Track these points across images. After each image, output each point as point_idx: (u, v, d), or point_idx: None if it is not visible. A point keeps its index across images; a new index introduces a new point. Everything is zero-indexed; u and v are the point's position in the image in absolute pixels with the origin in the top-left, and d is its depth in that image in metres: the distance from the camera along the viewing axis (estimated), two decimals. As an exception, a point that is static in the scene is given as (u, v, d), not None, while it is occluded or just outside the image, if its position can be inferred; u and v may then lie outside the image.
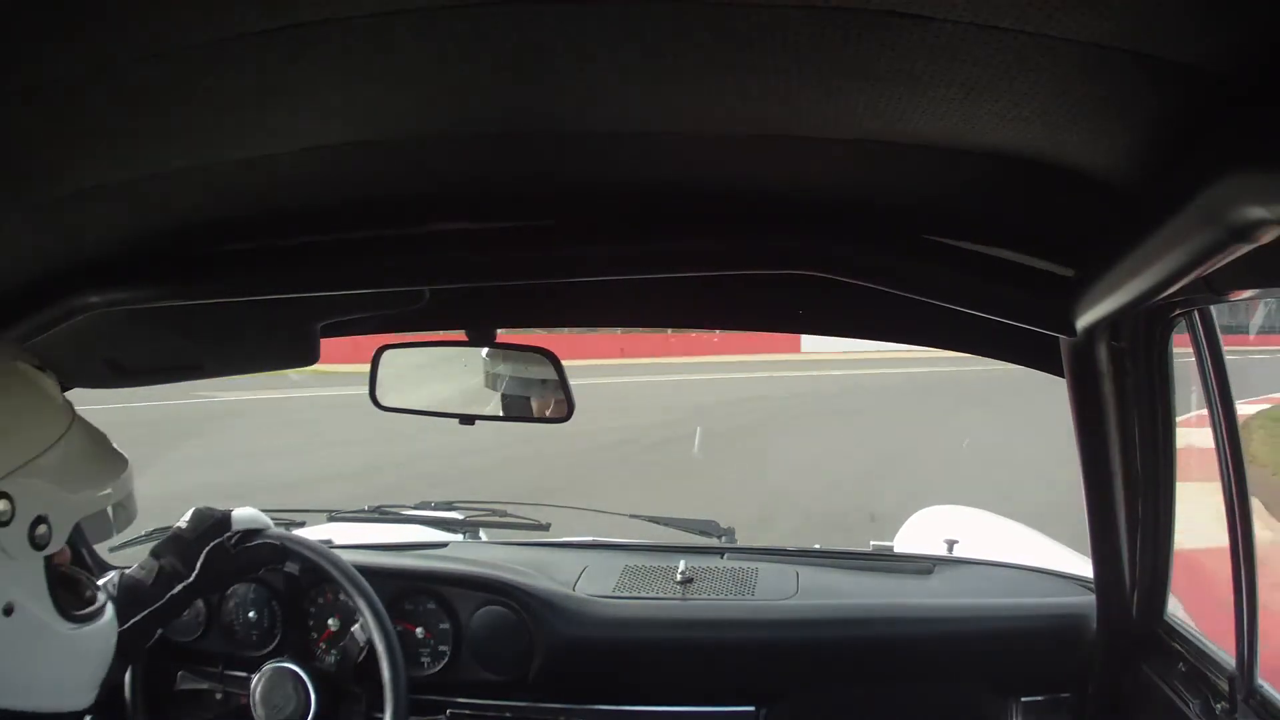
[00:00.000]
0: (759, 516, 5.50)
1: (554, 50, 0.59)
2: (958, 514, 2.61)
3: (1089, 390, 1.20)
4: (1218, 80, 0.52)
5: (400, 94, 0.68)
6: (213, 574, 1.32)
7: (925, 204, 0.94)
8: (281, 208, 0.97)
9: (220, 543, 1.35)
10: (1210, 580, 1.48)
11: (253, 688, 1.49)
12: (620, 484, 6.49)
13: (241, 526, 1.40)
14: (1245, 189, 0.50)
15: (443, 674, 1.60)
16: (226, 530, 1.37)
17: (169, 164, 0.80)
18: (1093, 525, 1.31)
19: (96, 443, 1.01)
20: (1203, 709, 1.12)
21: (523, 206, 1.00)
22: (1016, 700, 1.52)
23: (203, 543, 1.33)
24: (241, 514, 1.42)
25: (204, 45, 0.55)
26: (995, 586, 1.69)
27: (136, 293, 1.06)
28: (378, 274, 1.05)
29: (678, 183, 0.92)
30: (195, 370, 1.50)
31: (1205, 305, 1.06)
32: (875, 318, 1.42)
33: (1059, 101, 0.61)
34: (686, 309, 1.56)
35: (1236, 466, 1.11)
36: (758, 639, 1.58)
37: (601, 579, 1.70)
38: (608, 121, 0.75)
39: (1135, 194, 0.70)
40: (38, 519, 0.89)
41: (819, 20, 0.53)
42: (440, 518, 1.99)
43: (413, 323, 1.59)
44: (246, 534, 1.40)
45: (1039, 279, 0.93)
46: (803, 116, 0.71)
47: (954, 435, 8.53)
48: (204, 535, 1.34)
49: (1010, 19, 0.49)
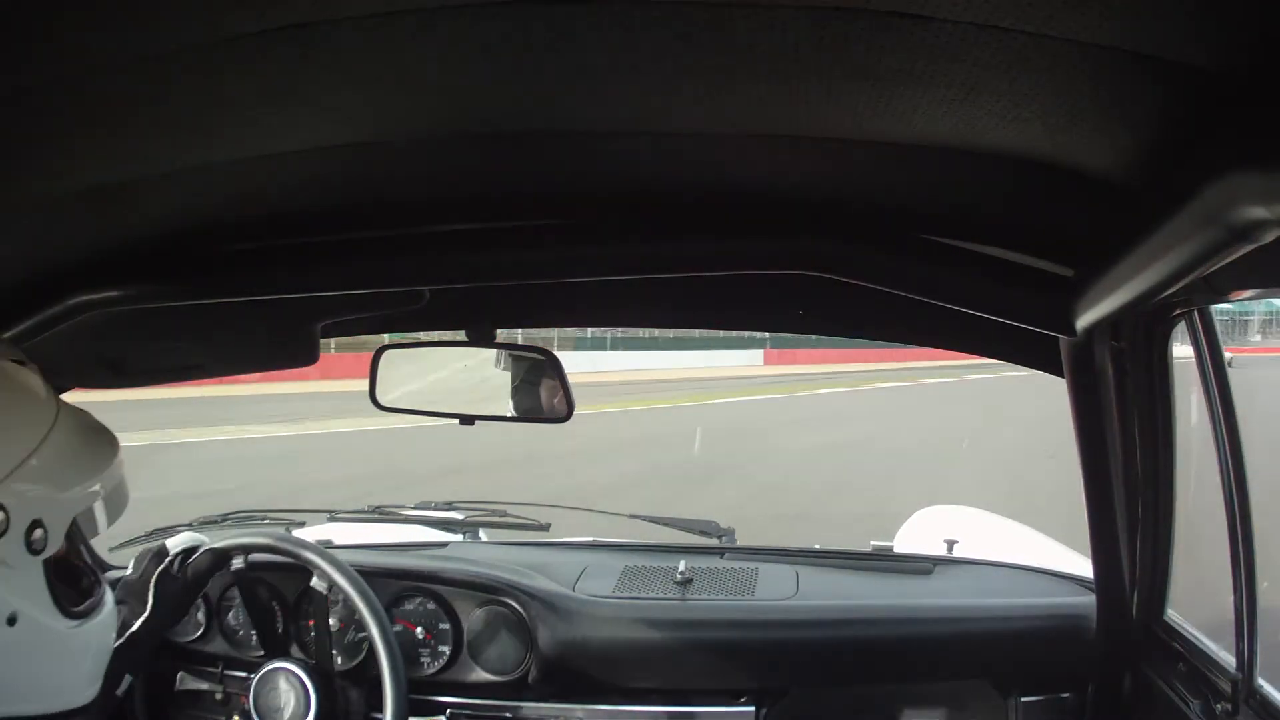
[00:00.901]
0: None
1: (554, 50, 0.59)
2: (958, 514, 2.61)
3: (1089, 390, 1.20)
4: (1218, 80, 0.52)
5: (400, 94, 0.68)
6: (166, 599, 1.41)
7: (926, 204, 0.94)
8: (281, 208, 0.97)
9: (163, 569, 1.43)
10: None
11: (253, 688, 1.49)
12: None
13: (178, 549, 1.47)
14: (1245, 189, 0.50)
15: (443, 674, 1.60)
16: (165, 557, 1.45)
17: (169, 164, 0.80)
18: (1093, 525, 1.31)
19: (85, 430, 0.97)
20: (1203, 709, 1.12)
21: (522, 207, 1.00)
22: (1016, 700, 1.52)
23: (147, 576, 1.41)
24: (176, 539, 1.50)
25: (204, 46, 0.55)
26: (995, 586, 1.69)
27: (136, 292, 1.06)
28: (378, 274, 1.05)
29: (678, 183, 0.92)
30: (195, 370, 1.50)
31: (1205, 305, 1.07)
32: (875, 318, 1.42)
33: (1059, 102, 0.61)
34: (686, 309, 1.56)
35: (1237, 466, 1.11)
36: (758, 639, 1.58)
37: (601, 579, 1.70)
38: (608, 122, 0.75)
39: (1135, 194, 0.70)
40: (33, 524, 0.86)
41: (819, 21, 0.53)
42: (440, 518, 1.99)
43: (413, 323, 1.59)
44: (185, 553, 1.47)
45: (1039, 279, 0.93)
46: (804, 117, 0.71)
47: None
48: (147, 570, 1.43)
49: (1010, 19, 0.49)
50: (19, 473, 0.85)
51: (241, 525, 1.82)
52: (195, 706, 1.65)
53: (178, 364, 1.47)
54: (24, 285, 1.05)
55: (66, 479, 0.91)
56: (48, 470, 0.89)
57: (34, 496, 0.87)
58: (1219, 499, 1.12)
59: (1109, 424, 1.22)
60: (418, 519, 1.97)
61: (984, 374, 15.69)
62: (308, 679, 1.48)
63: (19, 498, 0.85)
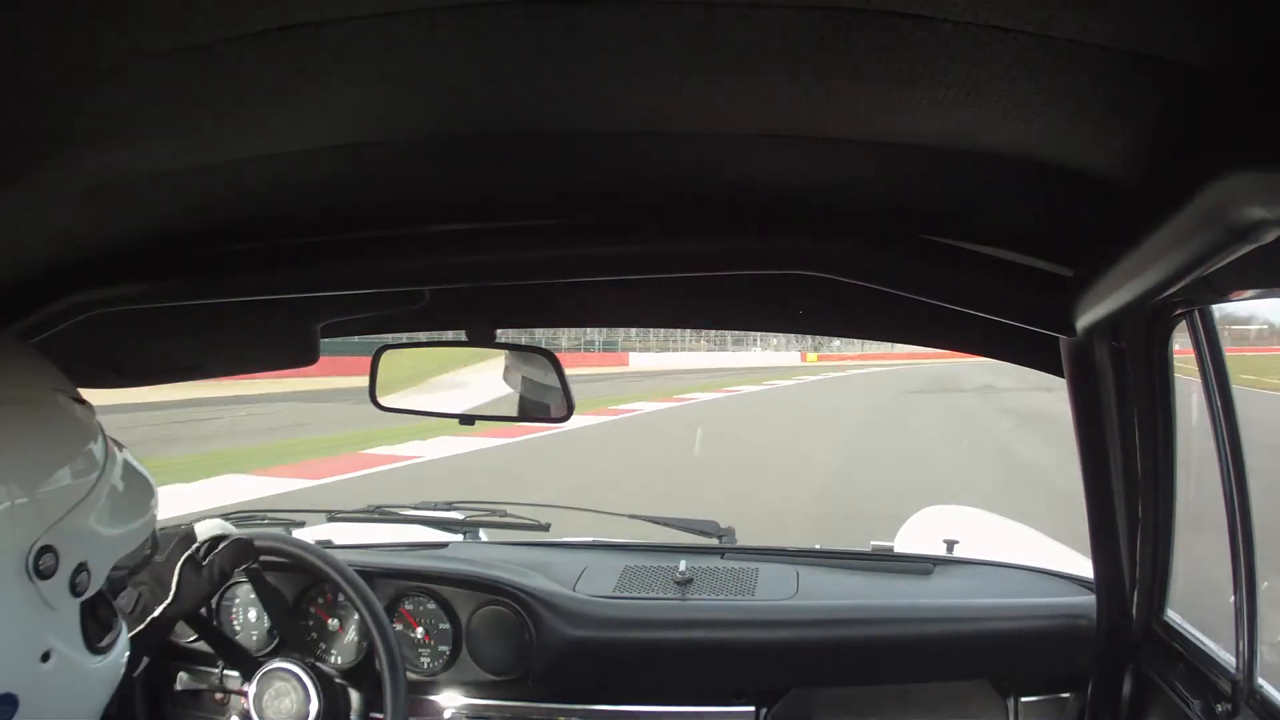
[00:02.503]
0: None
1: (554, 50, 0.59)
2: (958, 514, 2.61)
3: (1089, 390, 1.20)
4: (1218, 80, 0.52)
5: (400, 94, 0.68)
6: (189, 588, 1.35)
7: (926, 204, 0.94)
8: (281, 208, 0.97)
9: (190, 555, 1.37)
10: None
11: (253, 688, 1.49)
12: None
13: (206, 535, 1.42)
14: (1245, 189, 0.50)
15: (443, 674, 1.60)
16: (193, 543, 1.39)
17: (170, 164, 0.80)
18: (1093, 525, 1.31)
19: (131, 473, 0.95)
20: (1203, 709, 1.12)
21: (522, 206, 1.00)
22: (1016, 700, 1.52)
23: (173, 560, 1.35)
24: (205, 525, 1.45)
25: (204, 45, 0.55)
26: (995, 586, 1.69)
27: (136, 292, 1.06)
28: (378, 274, 1.05)
29: (678, 183, 0.92)
30: (196, 371, 1.50)
31: (1206, 305, 1.06)
32: (876, 318, 1.42)
33: (1059, 102, 0.61)
34: (686, 309, 1.56)
35: (1237, 466, 1.11)
36: (757, 639, 1.58)
37: (601, 579, 1.70)
38: (608, 122, 0.75)
39: (1135, 194, 0.70)
40: (79, 566, 0.84)
41: (820, 21, 0.53)
42: (440, 518, 1.99)
43: (413, 323, 1.59)
44: (213, 541, 1.42)
45: (1039, 279, 0.93)
46: (804, 117, 0.71)
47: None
48: (173, 553, 1.36)
49: (1010, 19, 0.49)
50: (72, 515, 0.84)
51: (242, 525, 1.82)
52: (195, 706, 1.65)
53: (178, 364, 1.47)
54: (24, 283, 1.05)
55: (114, 521, 0.90)
56: (99, 513, 0.87)
57: (84, 539, 0.85)
58: (1219, 499, 1.12)
59: (1109, 424, 1.22)
60: (417, 519, 1.97)
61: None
62: (308, 679, 1.48)
63: (70, 541, 0.83)
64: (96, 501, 0.87)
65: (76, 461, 0.86)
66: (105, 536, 0.89)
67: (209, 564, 1.39)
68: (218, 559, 1.40)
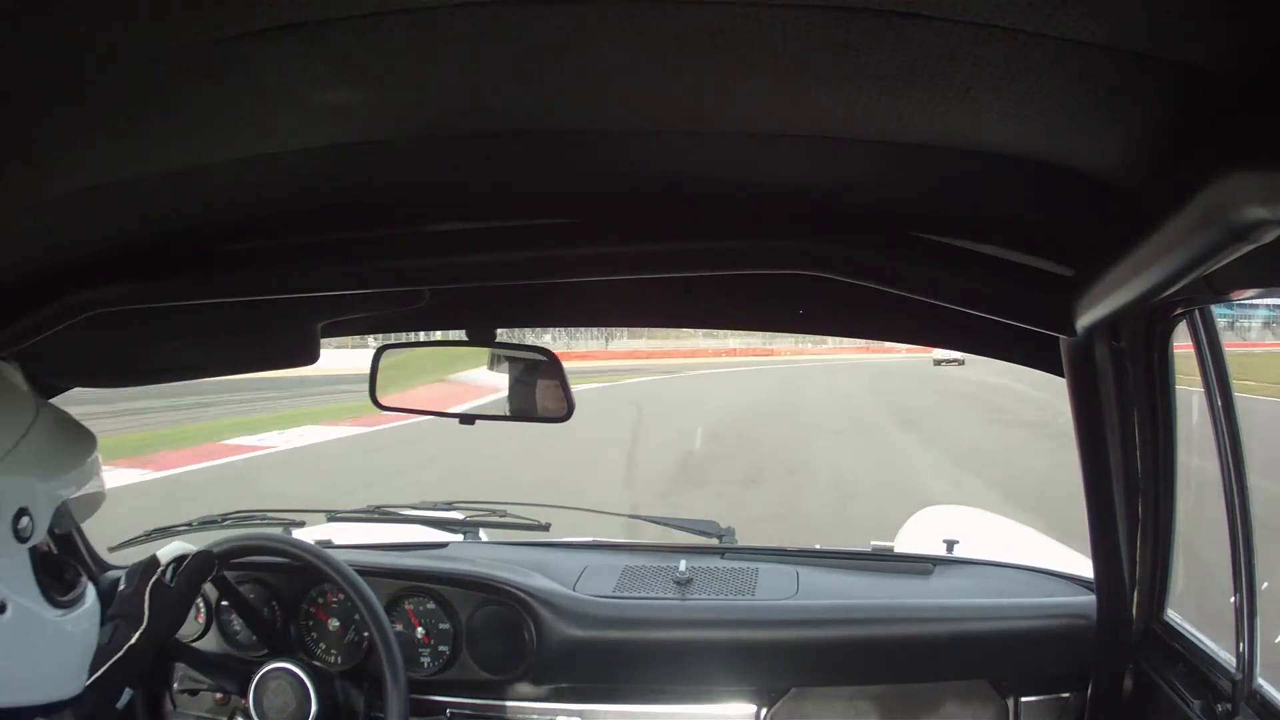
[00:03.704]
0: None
1: (554, 50, 0.59)
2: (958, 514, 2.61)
3: (1089, 390, 1.20)
4: (1218, 80, 0.52)
5: (400, 94, 0.68)
6: (162, 609, 1.39)
7: (926, 204, 0.94)
8: (282, 208, 0.97)
9: (156, 580, 1.40)
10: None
11: (252, 688, 1.49)
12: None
13: (170, 558, 1.44)
14: (1245, 189, 0.50)
15: (443, 674, 1.60)
16: (159, 568, 1.42)
17: (169, 164, 0.80)
18: (1093, 525, 1.31)
19: (64, 425, 1.02)
20: (1203, 709, 1.12)
21: (523, 206, 1.00)
22: (1016, 700, 1.52)
23: (141, 588, 1.39)
24: (167, 549, 1.48)
25: (204, 45, 0.55)
26: (995, 586, 1.69)
27: (136, 292, 1.06)
28: (378, 274, 1.05)
29: (678, 183, 0.92)
30: (196, 370, 1.50)
31: (1206, 305, 1.06)
32: (875, 317, 1.42)
33: (1059, 101, 0.61)
34: (686, 309, 1.56)
35: (1237, 466, 1.11)
36: (758, 639, 1.58)
37: (601, 579, 1.70)
38: (608, 121, 0.75)
39: (1135, 194, 0.70)
40: (19, 511, 0.91)
41: (819, 20, 0.52)
42: (440, 518, 1.99)
43: (413, 322, 1.59)
44: (176, 562, 1.44)
45: (1039, 279, 0.93)
46: (804, 117, 0.71)
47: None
48: (140, 582, 1.40)
49: (1010, 19, 0.49)
50: (5, 462, 0.90)
51: (241, 525, 1.82)
52: (195, 706, 1.65)
53: (179, 364, 1.47)
54: (23, 282, 1.05)
55: (50, 469, 0.96)
56: (33, 460, 0.94)
57: (20, 485, 0.92)
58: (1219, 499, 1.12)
59: (1109, 424, 1.22)
60: (417, 519, 1.97)
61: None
62: (308, 679, 1.48)
63: (6, 486, 0.90)
64: (30, 450, 0.94)
65: (3, 413, 0.94)
66: (43, 484, 0.95)
67: (176, 583, 1.43)
68: (185, 576, 1.44)
